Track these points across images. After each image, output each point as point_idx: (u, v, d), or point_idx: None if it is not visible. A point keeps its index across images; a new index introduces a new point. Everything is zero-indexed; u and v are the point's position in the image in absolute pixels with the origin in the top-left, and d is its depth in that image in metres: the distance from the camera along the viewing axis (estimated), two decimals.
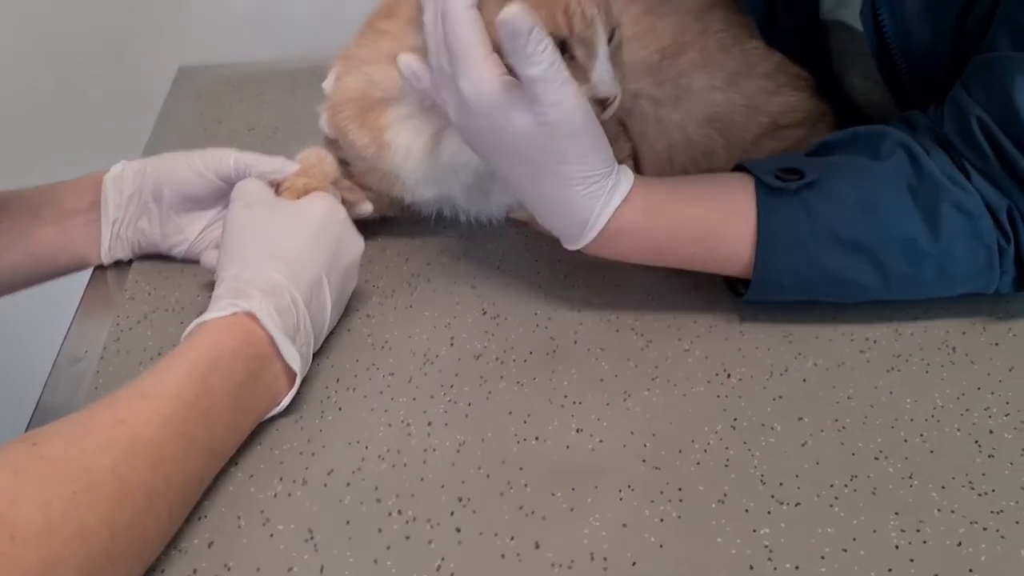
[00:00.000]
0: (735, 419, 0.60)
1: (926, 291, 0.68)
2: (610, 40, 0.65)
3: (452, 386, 0.63)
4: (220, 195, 0.73)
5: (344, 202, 0.72)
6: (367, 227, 0.74)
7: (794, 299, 0.69)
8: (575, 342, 0.68)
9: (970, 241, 0.64)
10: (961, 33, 0.67)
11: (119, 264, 0.77)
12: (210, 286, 0.62)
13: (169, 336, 0.68)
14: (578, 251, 0.67)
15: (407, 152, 0.71)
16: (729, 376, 0.64)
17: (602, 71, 0.62)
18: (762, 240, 0.65)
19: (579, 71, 0.62)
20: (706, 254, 0.67)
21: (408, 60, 0.66)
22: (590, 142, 0.62)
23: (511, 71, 0.59)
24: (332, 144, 0.76)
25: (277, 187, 0.71)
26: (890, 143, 0.67)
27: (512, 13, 0.56)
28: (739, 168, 0.69)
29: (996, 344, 0.68)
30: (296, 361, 0.59)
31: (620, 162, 0.69)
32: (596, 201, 0.63)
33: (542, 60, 0.57)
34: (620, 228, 0.64)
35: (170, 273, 0.75)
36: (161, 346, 0.67)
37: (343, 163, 0.75)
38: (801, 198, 0.65)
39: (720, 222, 0.66)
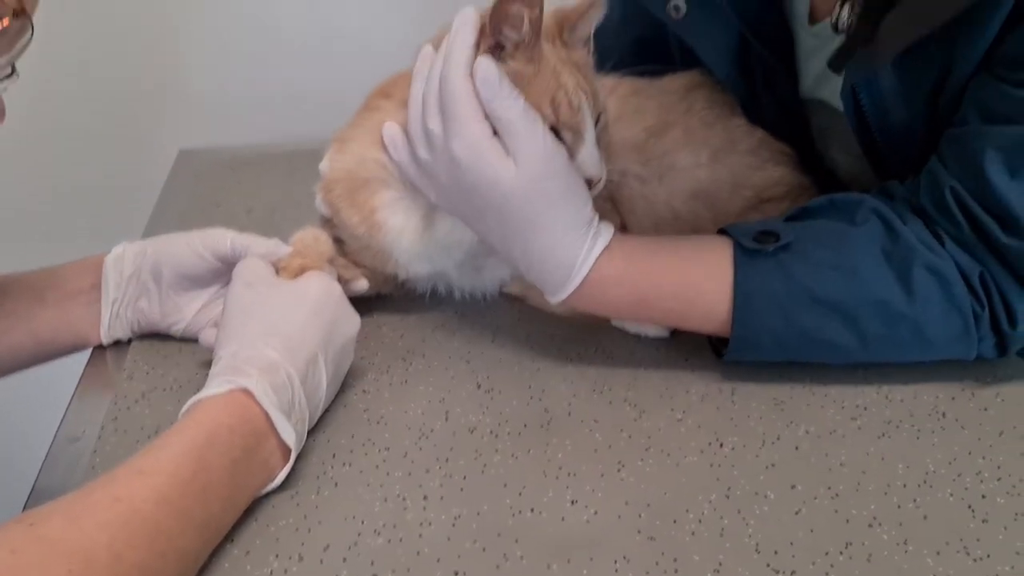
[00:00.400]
0: (729, 488, 0.61)
1: (904, 354, 0.70)
2: (596, 124, 0.68)
3: (447, 460, 0.64)
4: (218, 275, 0.74)
5: (340, 280, 0.73)
6: (363, 304, 0.75)
7: (775, 359, 0.70)
8: (569, 414, 0.68)
9: (945, 305, 0.66)
10: (935, 110, 0.70)
11: (118, 343, 0.78)
12: (208, 364, 0.63)
13: (167, 415, 0.68)
14: (570, 323, 0.69)
15: (400, 232, 0.73)
16: (722, 445, 0.65)
17: (587, 155, 0.67)
18: (739, 298, 0.67)
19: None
20: (684, 308, 0.70)
21: (391, 128, 0.71)
22: (570, 188, 0.66)
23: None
24: (328, 223, 0.78)
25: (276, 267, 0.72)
26: (865, 210, 0.69)
27: (483, 63, 0.63)
28: (721, 232, 0.71)
29: (985, 409, 0.68)
30: (291, 437, 0.59)
31: None
32: (579, 249, 0.66)
33: (514, 105, 0.63)
34: (602, 277, 0.67)
35: (168, 352, 0.76)
36: (159, 424, 0.67)
37: (338, 241, 0.77)
38: (777, 259, 0.67)
39: (699, 278, 0.69)
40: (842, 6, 0.70)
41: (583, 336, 0.77)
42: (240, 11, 1.31)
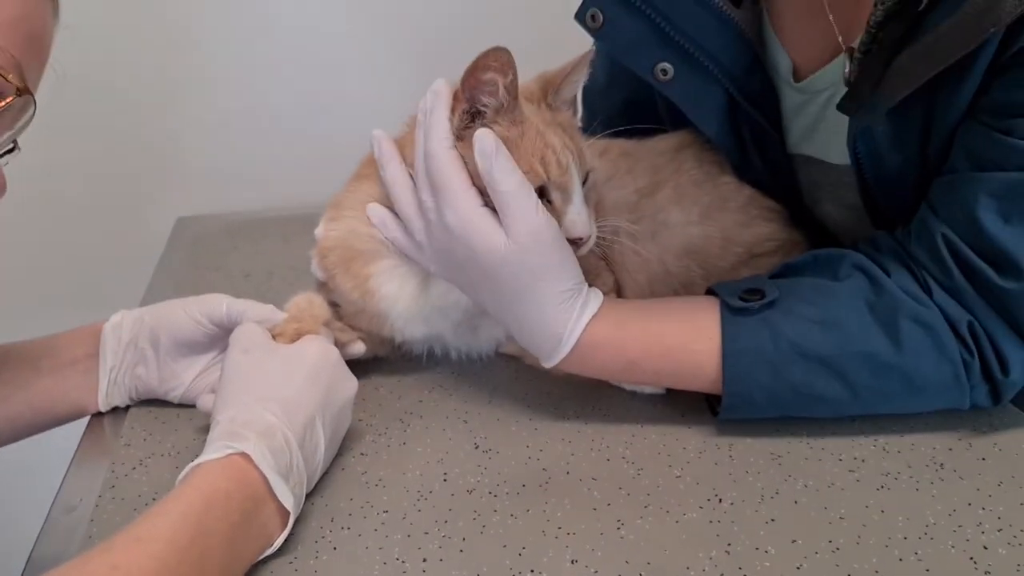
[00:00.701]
0: (729, 544, 0.60)
1: (897, 404, 0.70)
2: (584, 183, 0.70)
3: (446, 522, 0.63)
4: (215, 341, 0.75)
5: (336, 343, 0.74)
6: (360, 366, 0.76)
7: (769, 415, 0.71)
8: (567, 473, 0.68)
9: (934, 355, 0.67)
10: (927, 156, 0.71)
11: (116, 411, 0.78)
12: (206, 430, 0.63)
13: (165, 481, 0.68)
14: (567, 381, 0.69)
15: (395, 298, 0.74)
16: (721, 501, 0.65)
17: (575, 214, 0.69)
18: (727, 357, 0.68)
19: (555, 214, 0.68)
20: (675, 369, 0.71)
21: (377, 210, 0.73)
22: (560, 259, 0.67)
23: (487, 203, 0.66)
24: (323, 287, 0.79)
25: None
26: (847, 265, 0.71)
27: (483, 133, 0.65)
28: (708, 292, 0.73)
29: (983, 459, 0.69)
30: (289, 500, 0.59)
31: (604, 294, 0.72)
32: (569, 316, 0.68)
33: (510, 178, 0.65)
34: (593, 342, 0.69)
35: (166, 418, 0.76)
36: (156, 492, 0.67)
37: (335, 305, 0.78)
38: (763, 317, 0.68)
39: (687, 338, 0.70)
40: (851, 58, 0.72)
41: (580, 394, 0.77)
42: (235, 80, 1.34)
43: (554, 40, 0.81)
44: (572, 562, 0.59)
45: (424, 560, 0.60)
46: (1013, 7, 0.58)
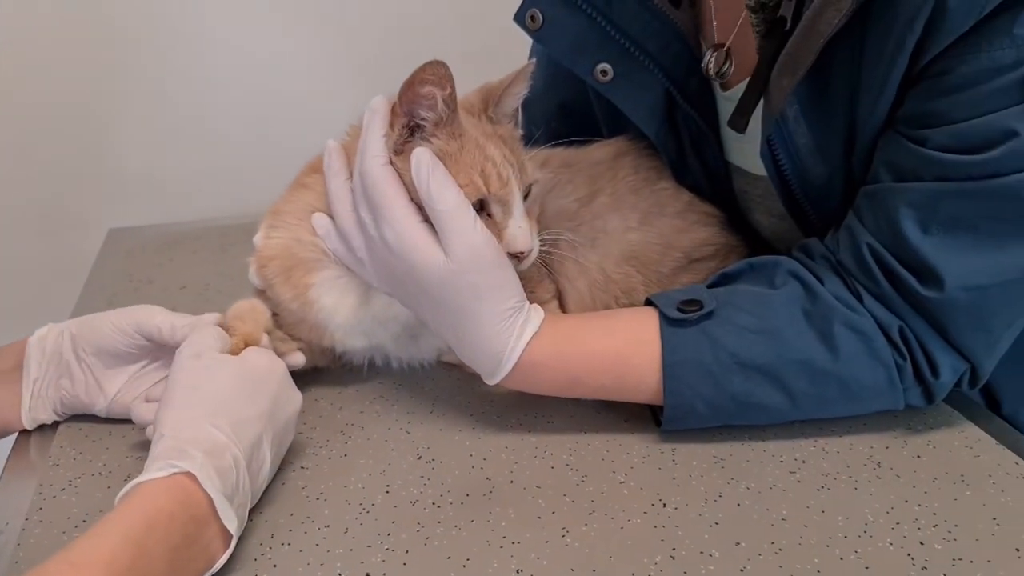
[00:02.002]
0: (674, 549, 0.60)
1: (835, 409, 0.71)
2: (526, 196, 0.69)
3: (389, 534, 0.62)
4: (143, 352, 0.73)
5: (276, 353, 0.72)
6: (300, 378, 0.74)
7: (712, 425, 0.71)
8: (511, 481, 0.68)
9: (868, 360, 0.68)
10: (851, 167, 0.72)
11: (43, 429, 0.75)
12: (139, 446, 0.61)
13: (96, 502, 0.66)
14: (510, 390, 0.69)
15: (334, 309, 0.73)
16: (665, 505, 0.65)
17: (516, 228, 0.68)
18: (667, 368, 0.68)
19: (495, 227, 0.67)
20: (617, 383, 0.71)
21: (321, 220, 0.72)
22: (500, 277, 0.67)
23: (426, 219, 0.66)
24: (261, 294, 0.77)
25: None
26: (783, 272, 0.72)
27: (419, 152, 0.65)
28: (647, 303, 0.73)
29: (918, 456, 0.70)
30: (233, 523, 0.57)
31: (545, 302, 0.72)
32: (510, 335, 0.68)
33: (447, 197, 0.65)
34: (534, 360, 0.69)
35: (97, 436, 0.74)
36: (87, 513, 0.65)
37: (274, 315, 0.76)
38: (701, 327, 0.69)
39: (628, 352, 0.70)
40: (723, 59, 0.77)
41: (523, 403, 0.77)
42: (166, 89, 1.31)
43: (496, 50, 0.81)
44: (518, 571, 0.59)
45: (367, 574, 0.59)
46: (828, 24, 0.63)
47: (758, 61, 0.73)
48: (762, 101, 0.73)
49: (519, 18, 0.80)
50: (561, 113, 0.96)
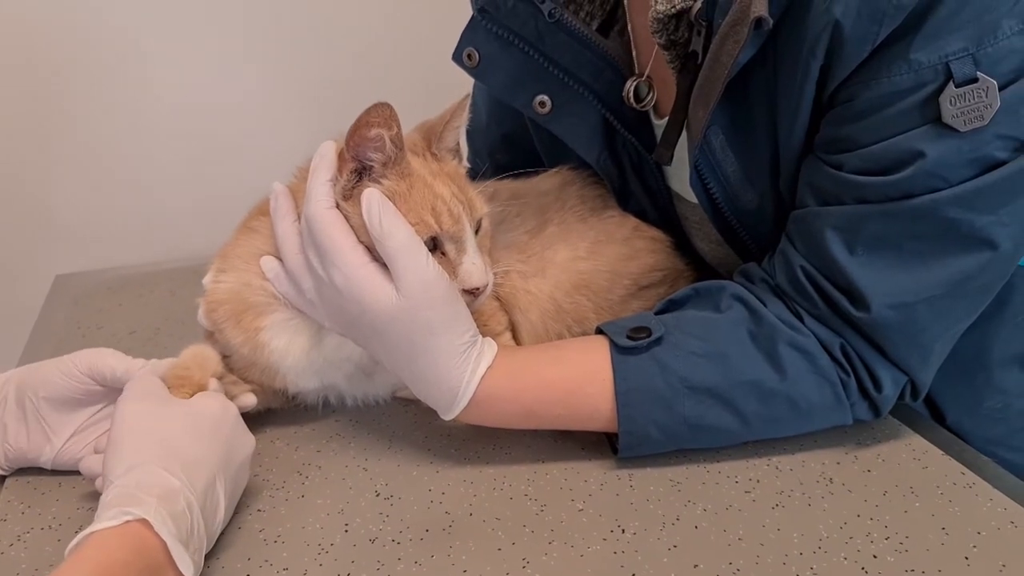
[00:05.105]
0: (633, 573, 0.61)
1: (786, 428, 0.73)
2: (477, 231, 0.70)
3: (349, 574, 0.62)
4: (93, 396, 0.71)
5: (227, 395, 0.72)
6: (254, 420, 0.74)
7: (668, 450, 0.72)
8: (470, 514, 0.68)
9: (813, 378, 0.69)
10: (779, 192, 0.74)
11: None
12: (90, 497, 0.60)
13: (46, 556, 0.64)
14: (466, 423, 0.69)
15: (285, 351, 0.73)
16: (624, 531, 0.65)
17: (470, 264, 0.69)
18: (620, 395, 0.69)
19: (449, 266, 0.68)
20: (571, 413, 0.72)
21: (270, 263, 0.73)
22: (453, 312, 0.67)
23: (375, 259, 0.66)
24: (211, 336, 0.76)
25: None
26: (727, 296, 0.73)
27: (368, 193, 0.66)
28: (598, 331, 0.74)
29: (869, 471, 0.71)
30: (189, 569, 0.56)
31: (498, 334, 0.73)
32: (464, 371, 0.68)
33: (398, 233, 0.65)
34: (489, 395, 0.69)
35: (46, 488, 0.72)
36: (37, 568, 0.63)
37: (225, 357, 0.76)
38: (651, 354, 0.70)
39: (580, 382, 0.71)
40: (645, 88, 0.79)
41: (481, 435, 0.77)
42: (107, 132, 1.30)
43: (440, 87, 0.82)
44: None
45: None
46: (729, 56, 0.65)
47: (676, 94, 0.75)
48: (684, 132, 0.74)
49: (456, 57, 0.81)
50: (505, 144, 0.97)
